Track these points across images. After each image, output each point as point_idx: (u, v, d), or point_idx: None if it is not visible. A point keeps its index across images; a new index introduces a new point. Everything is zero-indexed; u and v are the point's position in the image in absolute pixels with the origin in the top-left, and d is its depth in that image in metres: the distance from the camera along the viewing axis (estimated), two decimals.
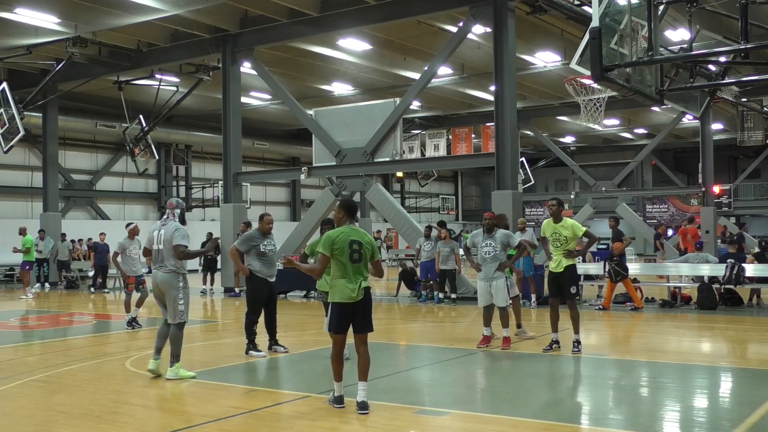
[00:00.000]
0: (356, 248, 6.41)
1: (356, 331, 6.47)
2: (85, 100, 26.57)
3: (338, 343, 6.48)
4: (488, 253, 9.60)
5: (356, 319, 6.43)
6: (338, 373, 6.47)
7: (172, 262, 7.80)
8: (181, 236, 7.78)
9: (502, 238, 9.62)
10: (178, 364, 7.82)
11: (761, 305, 14.70)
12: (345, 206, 6.67)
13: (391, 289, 18.83)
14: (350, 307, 6.39)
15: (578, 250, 9.64)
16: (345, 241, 6.39)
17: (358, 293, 6.37)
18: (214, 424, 6.11)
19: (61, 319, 14.82)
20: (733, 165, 44.65)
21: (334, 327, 6.45)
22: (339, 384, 6.47)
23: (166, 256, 7.81)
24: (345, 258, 6.37)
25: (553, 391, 7.58)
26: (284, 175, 32.54)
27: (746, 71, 18.77)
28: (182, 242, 7.75)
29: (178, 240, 7.76)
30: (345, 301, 6.38)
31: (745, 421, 5.97)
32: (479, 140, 29.24)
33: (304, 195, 38.58)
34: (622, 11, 9.03)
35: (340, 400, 6.42)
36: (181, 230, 7.83)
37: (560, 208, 9.37)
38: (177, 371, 7.79)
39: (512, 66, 16.31)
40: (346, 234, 6.44)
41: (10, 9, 16.53)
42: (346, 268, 6.38)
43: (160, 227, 7.94)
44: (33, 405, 6.96)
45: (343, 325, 6.43)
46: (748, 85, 22.21)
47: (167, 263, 7.81)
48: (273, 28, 18.85)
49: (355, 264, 6.40)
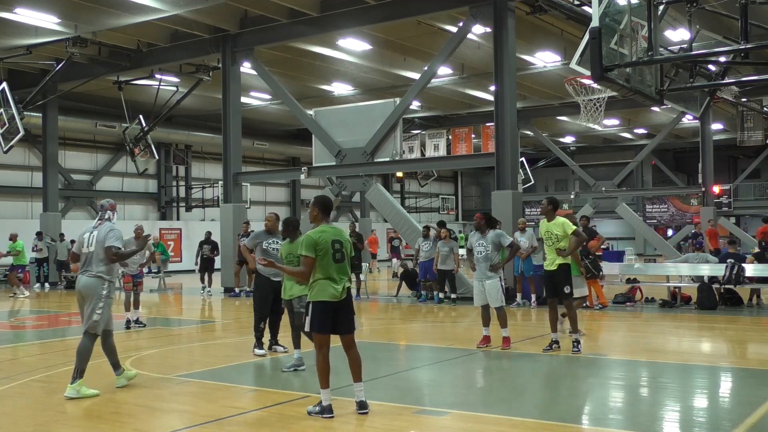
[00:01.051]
0: (338, 248, 6.28)
1: (341, 333, 6.30)
2: (85, 100, 26.56)
3: (323, 346, 6.25)
4: (480, 253, 9.64)
5: (338, 319, 6.25)
6: (325, 379, 6.19)
7: (101, 268, 7.29)
8: (115, 237, 7.36)
9: (494, 238, 9.64)
10: (80, 380, 7.12)
11: (761, 305, 14.70)
12: (320, 203, 6.43)
13: (392, 289, 18.82)
14: (331, 306, 6.22)
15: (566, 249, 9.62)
16: (327, 241, 6.23)
17: (341, 293, 6.25)
18: (214, 424, 6.11)
19: (61, 319, 14.82)
20: (733, 165, 44.65)
21: (316, 326, 6.22)
22: (327, 392, 6.19)
23: (95, 261, 7.30)
24: (328, 259, 6.21)
25: (553, 391, 7.58)
26: (284, 175, 32.54)
27: (746, 71, 18.78)
28: (115, 243, 7.32)
29: (111, 241, 7.31)
30: (328, 300, 6.20)
31: (745, 421, 5.97)
32: (479, 140, 29.22)
33: (304, 195, 38.57)
34: (622, 11, 9.03)
35: (329, 409, 6.15)
36: (115, 231, 7.41)
37: (551, 207, 9.38)
38: (79, 389, 7.09)
39: (512, 66, 16.31)
40: (328, 234, 6.28)
41: (10, 9, 16.53)
42: (330, 268, 6.22)
43: (93, 229, 7.44)
44: (33, 405, 6.96)
45: (326, 324, 6.22)
46: (748, 85, 22.22)
47: (94, 268, 7.29)
48: (273, 28, 18.85)
49: (339, 264, 6.26)
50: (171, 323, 13.98)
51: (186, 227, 31.69)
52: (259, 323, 9.45)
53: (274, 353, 9.53)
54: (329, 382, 6.24)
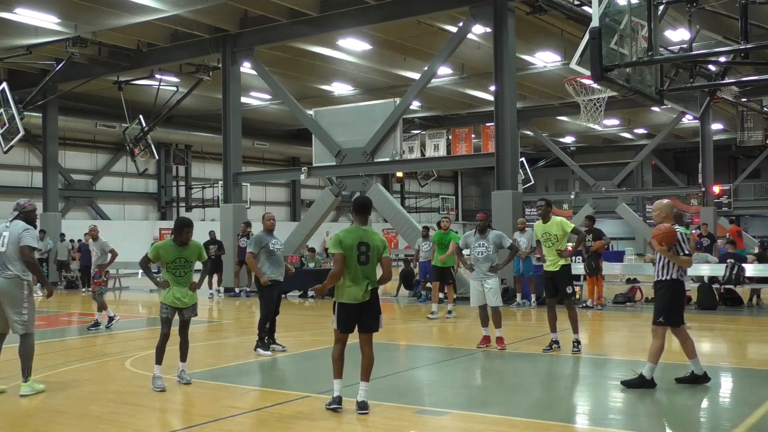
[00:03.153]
0: (364, 250, 6.34)
1: (361, 331, 6.44)
2: (85, 100, 26.57)
3: (341, 342, 6.45)
4: (481, 253, 9.64)
5: (362, 319, 6.41)
6: (338, 369, 6.39)
7: (18, 267, 7.13)
8: (30, 237, 7.20)
9: (495, 238, 9.65)
10: (31, 378, 7.24)
11: (761, 305, 14.70)
12: (354, 204, 6.63)
13: (391, 289, 18.82)
14: (356, 308, 6.37)
15: (569, 251, 9.67)
16: (352, 242, 6.33)
17: (363, 295, 6.33)
18: (214, 424, 6.11)
19: (61, 319, 14.82)
20: (733, 165, 44.64)
21: (341, 326, 6.41)
22: (339, 381, 6.39)
23: (11, 260, 7.13)
24: (352, 260, 6.31)
25: (553, 391, 7.58)
26: (284, 175, 32.56)
27: (746, 71, 18.76)
28: (32, 243, 7.18)
29: (26, 241, 7.15)
30: (350, 302, 6.35)
31: (745, 421, 5.97)
32: (479, 140, 29.23)
33: (304, 195, 38.59)
34: (622, 11, 9.02)
35: (339, 400, 6.33)
36: (30, 230, 7.24)
37: (548, 209, 9.39)
38: (32, 385, 7.23)
39: (512, 66, 16.31)
40: (354, 234, 6.38)
41: (10, 9, 16.53)
42: (352, 269, 6.31)
43: (5, 228, 7.27)
44: (33, 405, 6.95)
45: (350, 324, 6.41)
46: (748, 85, 22.20)
47: (11, 267, 7.12)
48: (273, 28, 18.85)
49: (362, 266, 6.33)
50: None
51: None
52: (264, 323, 9.49)
53: (273, 351, 9.56)
54: (342, 374, 6.38)
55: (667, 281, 7.21)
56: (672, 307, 7.20)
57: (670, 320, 7.21)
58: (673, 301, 7.21)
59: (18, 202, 7.61)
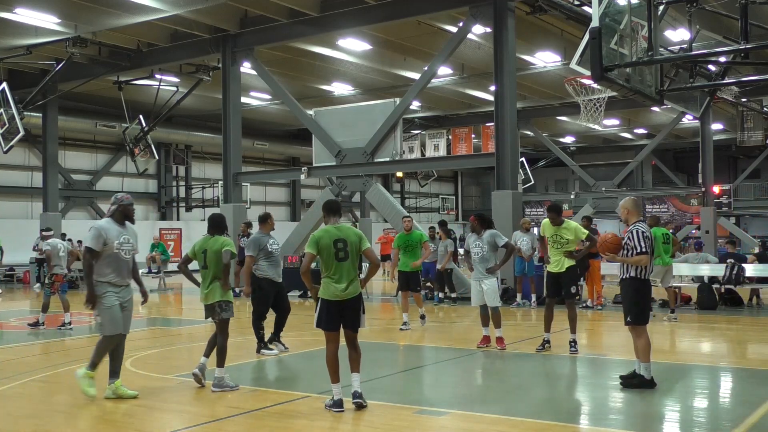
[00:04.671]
0: (341, 246, 6.46)
1: (345, 327, 6.53)
2: (85, 100, 26.56)
3: (332, 342, 6.47)
4: (477, 254, 9.71)
5: (345, 316, 6.48)
6: (335, 374, 6.41)
7: None
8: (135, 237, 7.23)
9: (489, 238, 9.68)
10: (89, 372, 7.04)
11: (761, 305, 14.70)
12: (324, 207, 6.78)
13: (392, 289, 18.81)
14: (337, 305, 6.43)
15: (578, 250, 9.68)
16: (328, 240, 6.44)
17: (344, 291, 6.42)
18: (214, 424, 6.11)
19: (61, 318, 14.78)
20: (733, 165, 44.63)
21: (323, 323, 6.47)
22: (337, 386, 6.40)
23: None
24: (331, 257, 6.43)
25: (553, 391, 7.58)
26: (284, 175, 32.54)
27: (746, 71, 18.77)
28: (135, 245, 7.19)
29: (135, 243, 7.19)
30: (331, 299, 6.43)
31: (745, 421, 5.97)
32: (479, 140, 29.23)
33: (304, 195, 38.56)
34: (622, 11, 9.02)
35: (340, 404, 6.34)
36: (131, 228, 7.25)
37: (558, 216, 9.39)
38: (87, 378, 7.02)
39: (512, 66, 16.31)
40: (330, 234, 6.50)
41: (10, 9, 16.53)
42: (331, 267, 6.44)
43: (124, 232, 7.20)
44: (33, 405, 6.96)
45: (332, 322, 6.45)
46: (748, 85, 22.21)
47: None
48: (273, 28, 18.85)
49: (341, 262, 6.44)
50: (171, 323, 13.99)
51: (186, 227, 31.69)
52: (259, 323, 9.49)
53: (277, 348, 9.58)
54: (339, 377, 6.40)
55: (627, 279, 7.29)
56: (637, 306, 7.25)
57: (638, 319, 7.24)
58: (637, 300, 7.25)
59: (116, 195, 7.36)
